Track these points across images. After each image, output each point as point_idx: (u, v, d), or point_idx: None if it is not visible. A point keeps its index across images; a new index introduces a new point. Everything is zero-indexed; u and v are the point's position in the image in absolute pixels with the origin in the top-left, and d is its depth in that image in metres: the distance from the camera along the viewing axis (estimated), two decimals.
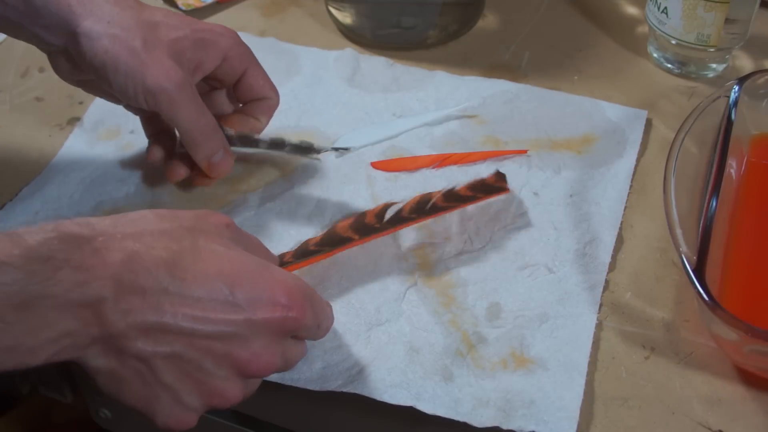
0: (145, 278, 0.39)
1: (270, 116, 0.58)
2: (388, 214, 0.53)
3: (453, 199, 0.55)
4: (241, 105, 0.58)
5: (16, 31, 0.52)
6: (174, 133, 0.58)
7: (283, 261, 0.52)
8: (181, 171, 0.57)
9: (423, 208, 0.54)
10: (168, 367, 0.40)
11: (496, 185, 0.56)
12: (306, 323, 0.42)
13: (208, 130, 0.53)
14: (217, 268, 0.40)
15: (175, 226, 0.41)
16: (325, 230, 0.54)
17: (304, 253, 0.52)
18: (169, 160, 0.58)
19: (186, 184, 0.60)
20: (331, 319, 0.46)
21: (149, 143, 0.58)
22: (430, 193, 0.55)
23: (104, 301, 0.38)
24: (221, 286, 0.40)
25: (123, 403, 0.41)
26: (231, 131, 0.56)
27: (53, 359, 0.38)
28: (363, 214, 0.54)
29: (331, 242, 0.53)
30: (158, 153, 0.57)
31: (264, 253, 0.48)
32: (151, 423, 0.41)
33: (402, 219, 0.53)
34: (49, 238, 0.37)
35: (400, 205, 0.54)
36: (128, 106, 0.57)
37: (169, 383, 0.40)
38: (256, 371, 0.41)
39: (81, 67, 0.52)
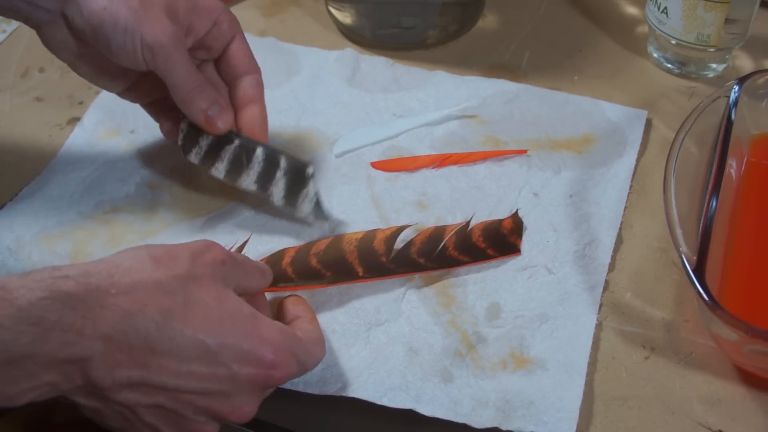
0: (134, 338, 0.39)
1: (261, 93, 0.57)
2: (398, 245, 0.53)
3: (466, 249, 0.54)
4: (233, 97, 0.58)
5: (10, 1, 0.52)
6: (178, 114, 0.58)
7: (286, 276, 0.52)
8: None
9: (434, 249, 0.53)
10: (150, 413, 0.41)
11: (510, 241, 0.55)
12: (289, 377, 0.44)
13: (200, 83, 0.53)
14: (206, 325, 0.41)
15: (170, 275, 0.42)
16: (330, 238, 0.54)
17: (305, 269, 0.52)
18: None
19: (186, 184, 0.60)
20: (321, 355, 0.47)
21: (160, 124, 0.59)
22: (443, 228, 0.55)
23: (91, 359, 0.39)
24: (208, 344, 0.41)
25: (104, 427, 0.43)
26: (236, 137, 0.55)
27: (32, 401, 0.39)
28: (371, 237, 0.54)
29: (336, 267, 0.52)
30: (168, 125, 0.58)
31: (255, 276, 0.48)
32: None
33: (412, 262, 0.53)
34: (41, 298, 0.38)
35: (410, 235, 0.54)
36: (124, 93, 0.57)
37: (150, 422, 0.42)
38: (235, 421, 0.43)
39: (77, 30, 0.52)
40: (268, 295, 0.52)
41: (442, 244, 0.54)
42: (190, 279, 0.42)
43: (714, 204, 0.48)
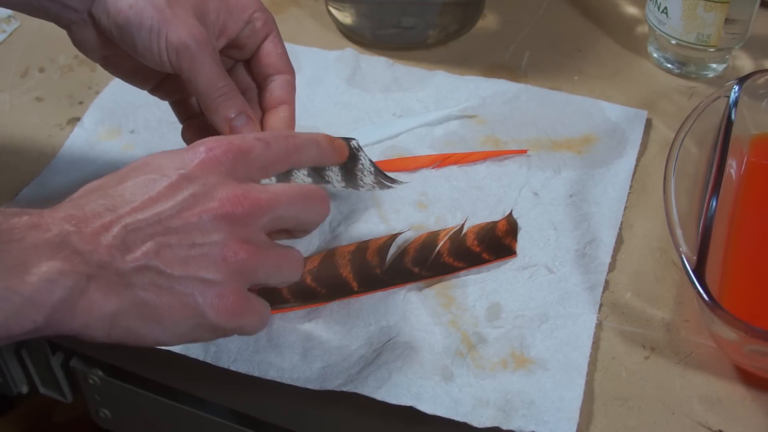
0: (90, 208, 0.39)
1: (292, 95, 0.55)
2: (391, 256, 0.53)
3: (461, 255, 0.54)
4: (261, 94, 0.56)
5: (39, 1, 0.51)
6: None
7: (282, 297, 0.52)
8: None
9: (428, 257, 0.54)
10: (168, 261, 0.40)
11: (505, 243, 0.55)
12: (240, 150, 0.43)
13: (227, 91, 0.52)
14: (137, 171, 0.42)
15: (90, 185, 0.43)
16: (322, 253, 0.54)
17: (300, 288, 0.52)
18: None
19: None
20: (275, 137, 0.46)
21: (182, 127, 0.58)
22: (436, 234, 0.55)
23: (70, 236, 0.38)
24: (151, 176, 0.41)
25: (176, 331, 0.41)
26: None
27: (63, 316, 0.37)
28: (365, 248, 0.54)
29: (330, 283, 0.52)
30: (190, 135, 0.57)
31: None
32: (213, 325, 0.41)
33: (407, 272, 0.53)
34: None
35: (404, 244, 0.54)
36: (154, 90, 0.57)
37: (182, 274, 0.40)
38: (231, 210, 0.41)
39: (104, 30, 0.51)
40: None
41: (436, 251, 0.54)
42: None
43: (714, 204, 0.48)
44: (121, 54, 0.53)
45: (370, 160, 0.54)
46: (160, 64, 0.51)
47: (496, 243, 0.55)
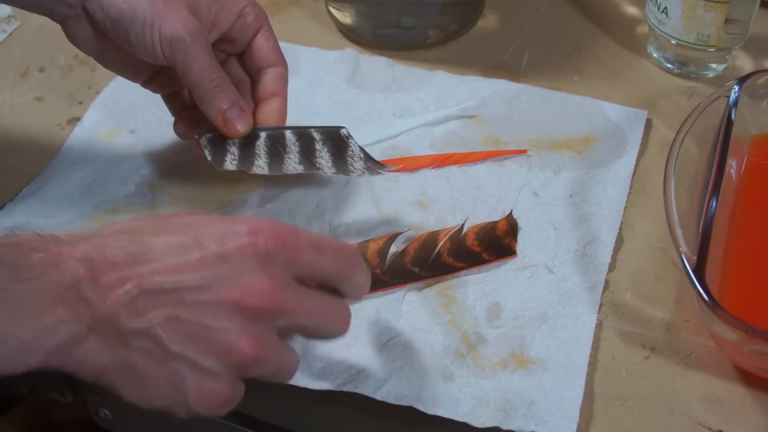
0: (113, 254, 0.38)
1: (284, 87, 0.56)
2: (391, 256, 0.53)
3: (461, 255, 0.54)
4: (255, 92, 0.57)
5: None
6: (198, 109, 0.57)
7: None
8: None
9: (428, 257, 0.54)
10: (171, 335, 0.38)
11: (505, 243, 0.55)
12: (288, 245, 0.40)
13: (220, 83, 0.52)
14: (177, 231, 0.40)
15: (128, 224, 0.42)
16: None
17: None
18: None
19: (186, 184, 0.60)
20: (331, 244, 0.42)
21: (174, 120, 0.58)
22: (436, 234, 0.55)
23: (82, 283, 0.37)
24: (184, 241, 0.39)
25: (153, 402, 0.39)
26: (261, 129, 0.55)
27: (55, 360, 0.37)
28: (364, 248, 0.54)
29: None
30: (182, 128, 0.57)
31: None
32: (191, 411, 0.40)
33: (407, 272, 0.53)
34: (13, 234, 0.37)
35: (403, 244, 0.54)
36: (147, 83, 0.57)
37: (179, 352, 0.39)
38: (254, 306, 0.39)
39: (98, 24, 0.51)
40: None
41: (436, 251, 0.54)
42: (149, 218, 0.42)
43: (714, 204, 0.48)
44: (114, 48, 0.53)
45: (360, 147, 0.54)
46: (154, 56, 0.51)
47: (496, 243, 0.55)
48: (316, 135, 0.55)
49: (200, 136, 0.54)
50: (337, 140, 0.54)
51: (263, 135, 0.54)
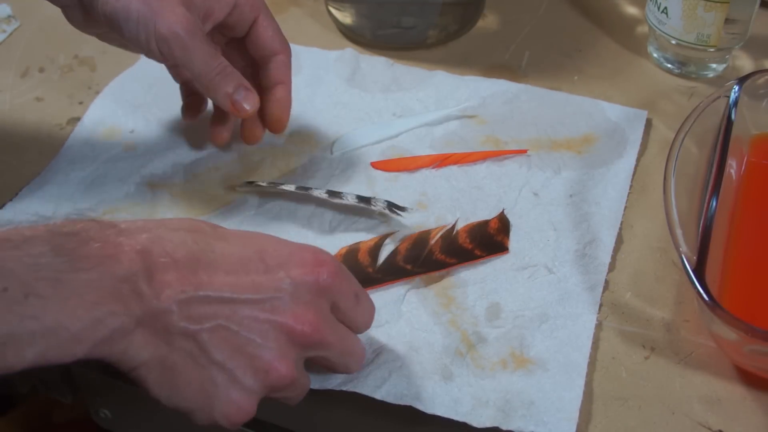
0: (174, 252, 0.38)
1: (287, 74, 0.57)
2: (382, 255, 0.54)
3: (453, 252, 0.54)
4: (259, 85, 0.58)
5: None
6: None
7: None
8: (225, 134, 0.59)
9: (420, 255, 0.54)
10: (217, 342, 0.39)
11: (497, 240, 0.55)
12: (340, 286, 0.42)
13: (223, 68, 0.53)
14: (242, 242, 0.41)
15: (194, 222, 0.42)
16: None
17: None
18: (211, 126, 0.60)
19: (186, 184, 0.60)
20: (368, 299, 0.45)
21: (183, 105, 0.60)
22: (428, 233, 0.55)
23: (137, 276, 0.37)
24: (249, 255, 0.40)
25: (179, 403, 0.40)
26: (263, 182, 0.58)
27: (99, 350, 0.37)
28: (356, 249, 0.54)
29: None
30: (190, 115, 0.59)
31: None
32: (211, 420, 0.40)
33: (400, 269, 0.53)
34: (73, 221, 0.37)
35: (393, 244, 0.54)
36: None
37: (221, 361, 0.39)
38: (302, 334, 0.40)
39: (94, 17, 0.52)
40: None
41: (428, 249, 0.54)
42: (215, 226, 0.42)
43: (714, 204, 0.48)
44: (114, 37, 0.54)
45: (384, 199, 0.57)
46: (150, 53, 0.52)
47: (487, 240, 0.55)
48: (344, 191, 0.58)
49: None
50: (363, 196, 0.57)
51: (293, 187, 0.58)
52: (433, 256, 0.54)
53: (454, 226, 0.55)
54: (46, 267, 0.35)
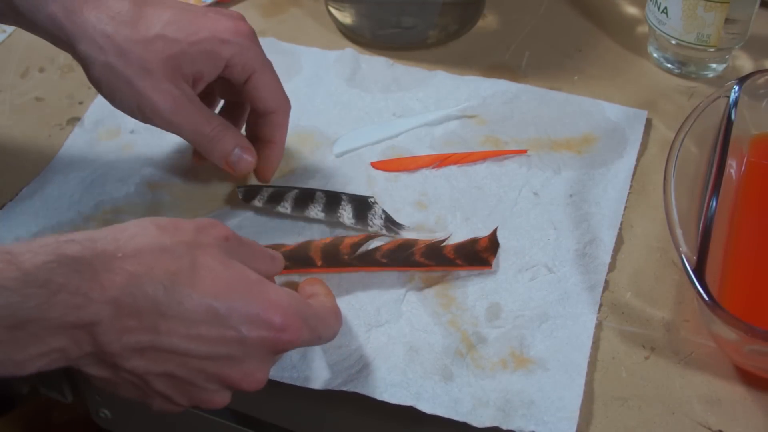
0: (142, 301, 0.39)
1: (279, 132, 0.56)
2: (363, 248, 0.54)
3: (434, 257, 0.54)
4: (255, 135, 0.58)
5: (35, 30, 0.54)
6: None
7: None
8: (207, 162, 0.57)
9: (401, 255, 0.54)
10: (160, 381, 0.41)
11: (482, 255, 0.54)
12: (301, 342, 0.43)
13: (215, 134, 0.53)
14: (213, 289, 0.41)
15: (176, 241, 0.42)
16: (300, 243, 0.55)
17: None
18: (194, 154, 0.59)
19: (186, 184, 0.60)
20: (337, 325, 0.47)
21: (193, 149, 0.59)
22: (415, 241, 0.55)
23: (99, 324, 0.38)
24: (216, 307, 0.40)
25: (118, 397, 0.43)
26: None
27: (42, 370, 0.39)
28: (340, 242, 0.54)
29: (298, 259, 0.53)
30: (200, 158, 0.58)
31: (264, 259, 0.48)
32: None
33: (373, 260, 0.53)
34: (47, 261, 0.37)
35: (379, 243, 0.54)
36: None
37: (161, 391, 0.42)
38: (247, 388, 0.42)
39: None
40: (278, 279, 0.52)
41: (410, 251, 0.54)
42: (195, 246, 0.42)
43: (714, 204, 0.48)
44: None
45: (383, 209, 0.56)
46: (142, 121, 0.52)
47: (472, 255, 0.54)
48: (343, 197, 0.57)
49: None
50: (362, 202, 0.57)
51: (295, 191, 0.58)
52: (413, 258, 0.54)
53: (443, 240, 0.55)
54: (10, 317, 0.37)
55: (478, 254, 0.54)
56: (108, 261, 0.39)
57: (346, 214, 0.56)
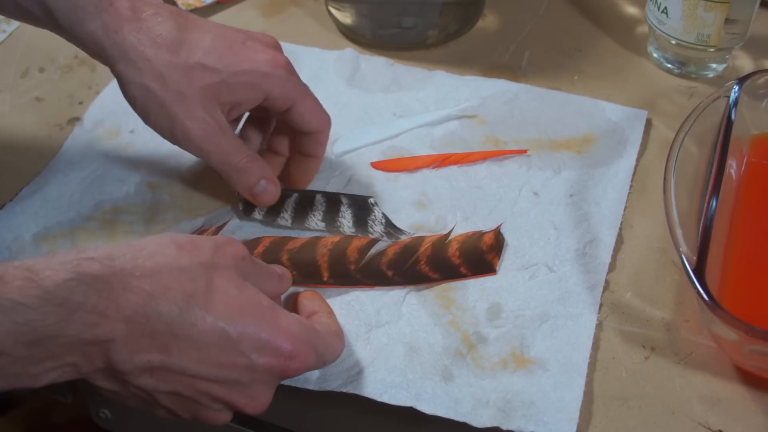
0: (156, 321, 0.40)
1: (322, 149, 0.57)
2: (371, 253, 0.54)
3: (438, 265, 0.53)
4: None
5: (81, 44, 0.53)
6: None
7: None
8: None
9: (405, 261, 0.53)
10: (167, 398, 0.42)
11: (487, 258, 0.54)
12: (307, 369, 0.44)
13: (242, 165, 0.53)
14: (227, 313, 0.41)
15: (194, 262, 0.42)
16: (308, 239, 0.55)
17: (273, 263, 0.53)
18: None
19: (186, 184, 0.60)
20: (340, 348, 0.48)
21: None
22: (421, 239, 0.54)
23: (113, 341, 0.39)
24: (228, 331, 0.41)
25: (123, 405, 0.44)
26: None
27: (53, 383, 0.40)
28: (347, 243, 0.54)
29: (302, 264, 0.53)
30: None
31: (273, 280, 0.49)
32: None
33: (380, 274, 0.53)
34: (67, 279, 0.38)
35: (383, 246, 0.54)
36: None
37: (166, 406, 0.43)
38: (251, 412, 0.44)
39: None
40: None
41: (414, 257, 0.53)
42: (212, 267, 0.43)
43: (714, 204, 0.48)
44: None
45: (383, 213, 0.56)
46: (173, 143, 0.53)
47: (477, 257, 0.54)
48: (343, 200, 0.57)
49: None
50: (362, 205, 0.57)
51: (295, 195, 0.57)
52: (417, 266, 0.53)
53: (448, 234, 0.55)
54: (29, 333, 0.37)
55: (484, 256, 0.54)
56: (126, 279, 0.39)
57: (346, 222, 0.56)
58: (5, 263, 0.38)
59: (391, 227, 0.56)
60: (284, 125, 0.57)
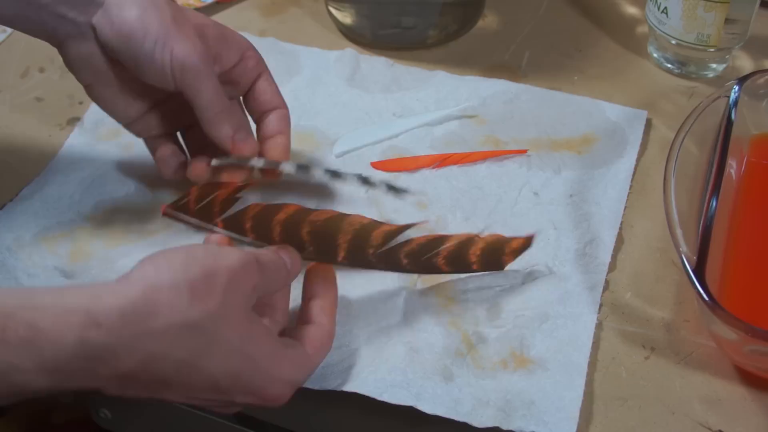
0: (150, 377, 0.40)
1: (288, 127, 0.57)
2: (395, 241, 0.52)
3: (454, 262, 0.52)
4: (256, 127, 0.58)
5: (37, 13, 0.51)
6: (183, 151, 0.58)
7: (271, 238, 0.53)
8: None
9: (425, 253, 0.52)
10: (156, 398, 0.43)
11: (503, 258, 0.52)
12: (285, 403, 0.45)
13: (228, 106, 0.53)
14: (224, 367, 0.42)
15: (203, 315, 0.41)
16: (336, 213, 0.53)
17: (294, 236, 0.52)
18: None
19: (185, 185, 0.60)
20: (324, 356, 0.48)
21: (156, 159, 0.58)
22: (446, 237, 0.52)
23: (104, 389, 0.40)
24: (220, 383, 0.42)
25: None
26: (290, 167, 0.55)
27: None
28: (375, 226, 0.52)
29: (321, 239, 0.52)
30: (167, 169, 0.57)
31: (280, 276, 0.47)
32: None
33: (395, 261, 0.52)
34: (69, 354, 0.38)
35: (410, 236, 0.52)
36: (133, 123, 0.56)
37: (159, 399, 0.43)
38: (227, 413, 0.46)
39: (103, 42, 0.51)
40: None
41: (436, 251, 0.52)
42: (221, 317, 0.42)
43: (714, 204, 0.48)
44: (114, 72, 0.53)
45: (384, 183, 0.52)
46: (162, 77, 0.51)
47: (494, 258, 0.52)
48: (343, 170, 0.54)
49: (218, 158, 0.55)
50: (364, 177, 0.53)
51: (294, 165, 0.54)
52: (435, 259, 0.52)
53: (477, 235, 0.52)
54: (17, 393, 0.38)
55: (501, 257, 0.53)
56: (131, 344, 0.39)
57: (350, 175, 0.53)
58: (12, 308, 0.38)
59: (393, 188, 0.52)
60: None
